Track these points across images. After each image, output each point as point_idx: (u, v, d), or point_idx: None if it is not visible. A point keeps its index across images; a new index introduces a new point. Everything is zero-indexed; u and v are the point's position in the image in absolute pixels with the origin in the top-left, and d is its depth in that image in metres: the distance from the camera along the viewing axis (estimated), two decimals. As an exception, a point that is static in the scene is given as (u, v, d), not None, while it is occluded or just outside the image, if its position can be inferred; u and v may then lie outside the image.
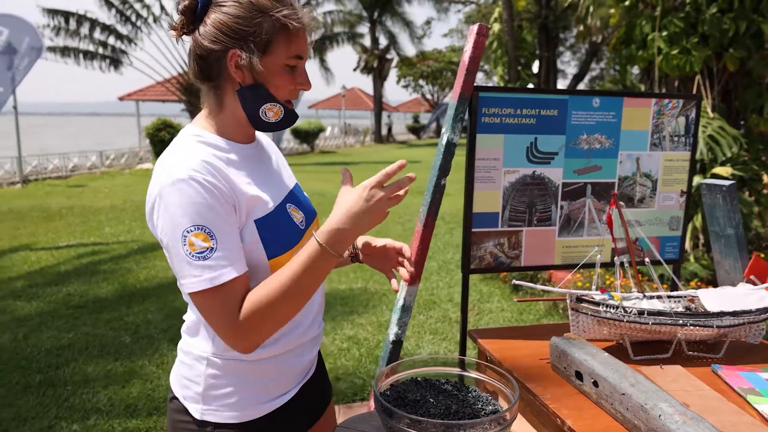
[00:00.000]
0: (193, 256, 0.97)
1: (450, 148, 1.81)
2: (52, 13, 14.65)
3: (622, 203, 1.77)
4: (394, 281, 1.25)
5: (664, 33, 4.71)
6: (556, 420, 1.36)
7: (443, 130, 1.83)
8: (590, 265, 1.91)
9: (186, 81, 16.07)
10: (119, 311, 4.38)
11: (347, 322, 4.13)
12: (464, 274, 1.91)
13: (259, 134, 1.25)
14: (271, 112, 1.10)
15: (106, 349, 3.65)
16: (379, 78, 30.45)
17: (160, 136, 14.68)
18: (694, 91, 4.66)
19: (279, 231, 1.10)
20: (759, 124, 4.52)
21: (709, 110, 4.50)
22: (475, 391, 1.24)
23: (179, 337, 1.23)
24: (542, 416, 1.48)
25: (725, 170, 4.09)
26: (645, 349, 1.73)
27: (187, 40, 1.10)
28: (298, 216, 1.16)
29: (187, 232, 0.97)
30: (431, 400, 1.17)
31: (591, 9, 5.61)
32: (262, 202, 1.08)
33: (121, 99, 21.40)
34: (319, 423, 1.35)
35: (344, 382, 3.21)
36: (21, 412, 2.85)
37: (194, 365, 1.14)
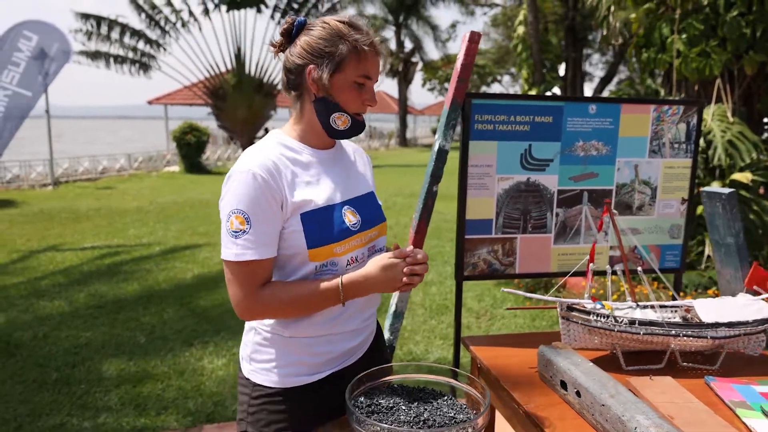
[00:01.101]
0: (230, 232, 1.19)
1: (442, 154, 1.81)
2: (85, 17, 15.07)
3: (615, 211, 1.75)
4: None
5: (683, 36, 4.62)
6: (537, 429, 1.35)
7: (436, 136, 1.84)
8: (601, 273, 1.89)
9: (212, 85, 16.35)
10: (136, 312, 4.48)
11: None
12: (457, 281, 1.91)
13: (348, 145, 1.46)
14: (339, 120, 1.28)
15: (121, 348, 3.74)
16: (404, 81, 30.50)
17: (186, 139, 14.96)
18: (714, 95, 4.56)
19: (323, 226, 1.25)
20: (782, 129, 4.40)
21: (729, 114, 4.39)
22: (451, 399, 1.24)
23: (193, 338, 1.37)
24: (527, 425, 1.47)
25: (745, 176, 3.99)
26: (638, 359, 1.71)
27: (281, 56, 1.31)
28: (352, 218, 1.31)
29: (232, 212, 1.19)
30: (403, 408, 1.17)
31: (612, 10, 5.53)
32: (311, 199, 1.25)
33: (150, 103, 21.88)
34: None
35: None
36: (36, 409, 2.95)
37: (248, 332, 1.36)
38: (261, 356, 1.33)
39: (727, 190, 1.80)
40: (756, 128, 4.59)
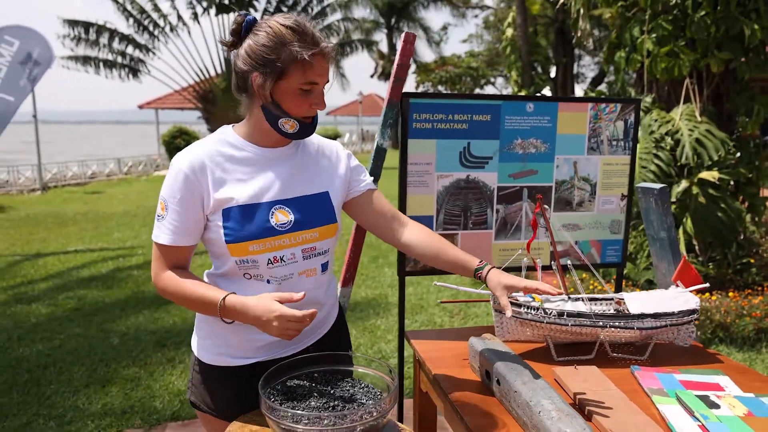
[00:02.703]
0: (157, 215, 1.31)
1: (380, 153, 1.86)
2: (73, 23, 15.08)
3: (547, 207, 1.80)
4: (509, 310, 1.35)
5: (653, 36, 4.68)
6: (459, 416, 1.40)
7: (376, 136, 1.88)
8: (546, 267, 1.92)
9: (202, 89, 16.37)
10: (113, 314, 4.50)
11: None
12: (400, 276, 1.96)
13: (317, 142, 1.45)
14: (287, 125, 1.29)
15: (94, 351, 3.77)
16: (396, 84, 30.55)
17: (176, 143, 14.99)
18: (683, 95, 4.62)
19: (242, 223, 1.27)
20: (748, 127, 4.46)
21: (697, 114, 4.45)
22: (366, 386, 1.29)
23: (166, 339, 1.42)
24: (451, 414, 1.51)
25: (712, 174, 4.05)
26: (571, 350, 1.75)
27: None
28: (282, 218, 1.30)
29: (160, 198, 1.30)
30: (316, 394, 1.22)
31: (582, 12, 5.60)
32: (233, 197, 1.28)
33: (140, 107, 21.89)
34: None
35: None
36: (3, 409, 2.97)
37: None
38: (200, 332, 1.43)
39: (658, 186, 1.85)
40: (725, 127, 4.65)
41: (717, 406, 1.37)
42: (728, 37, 4.44)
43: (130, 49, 15.96)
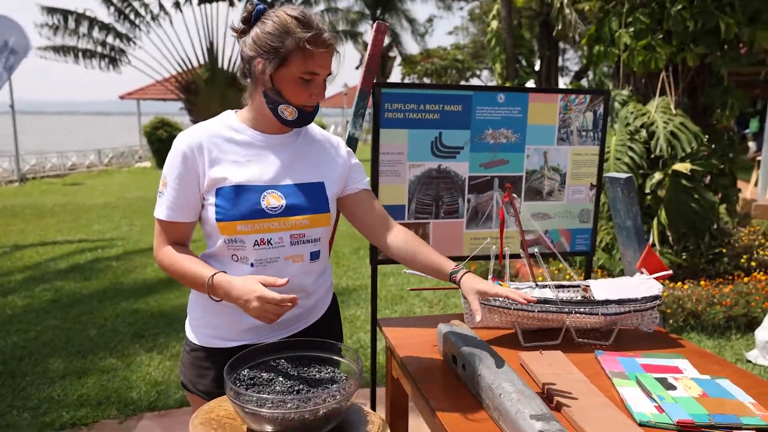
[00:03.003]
0: (158, 192, 1.37)
1: (352, 142, 1.87)
2: (51, 11, 14.80)
3: (516, 195, 1.82)
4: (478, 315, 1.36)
5: (631, 29, 4.74)
6: (425, 400, 1.43)
7: (348, 125, 1.90)
8: (515, 256, 1.94)
9: (184, 80, 16.18)
10: (91, 306, 4.47)
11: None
12: (372, 265, 1.98)
13: (320, 135, 1.50)
14: (286, 112, 1.34)
15: (71, 342, 3.75)
16: (382, 76, 30.47)
17: (158, 135, 14.82)
18: (659, 88, 4.69)
19: (233, 203, 1.32)
20: (722, 120, 4.54)
21: (672, 106, 4.52)
22: (333, 371, 1.31)
23: (144, 330, 1.46)
24: (418, 398, 1.54)
25: (684, 166, 4.12)
26: (539, 336, 1.79)
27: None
28: (273, 202, 1.35)
29: (162, 175, 1.36)
30: (281, 379, 1.23)
31: (566, 2, 5.64)
32: (227, 177, 1.33)
33: (122, 98, 21.59)
34: None
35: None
36: (-23, 401, 2.95)
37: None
38: (192, 313, 1.49)
39: (624, 175, 1.89)
40: (699, 120, 4.73)
41: (674, 388, 1.42)
42: (704, 31, 4.51)
43: (110, 39, 15.71)
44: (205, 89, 15.96)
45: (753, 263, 4.50)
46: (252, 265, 1.36)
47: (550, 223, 2.09)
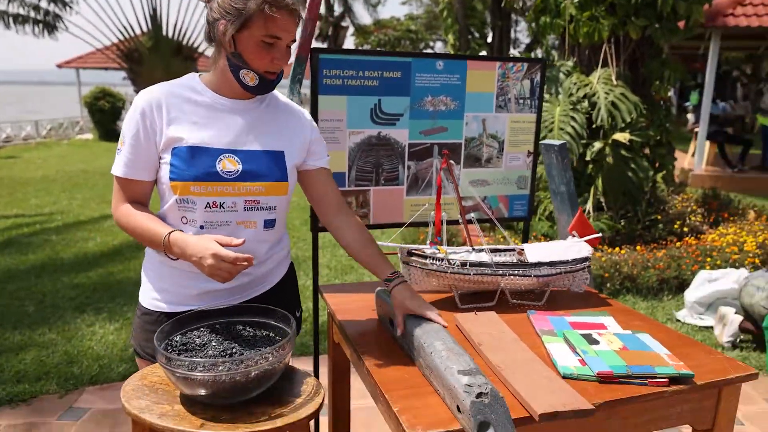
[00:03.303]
0: (117, 149, 1.37)
1: (289, 108, 1.85)
2: (-23, -27, 13.79)
3: (453, 162, 1.85)
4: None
5: (576, 0, 4.81)
6: (361, 360, 1.46)
7: (285, 92, 1.87)
8: (454, 222, 1.99)
9: (126, 48, 15.46)
10: (28, 281, 4.31)
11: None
12: (313, 232, 1.98)
13: (287, 105, 1.50)
14: (247, 77, 1.34)
15: (6, 318, 3.61)
16: (335, 46, 29.99)
17: (99, 105, 14.19)
18: (601, 59, 4.80)
19: (188, 164, 1.32)
20: (660, 91, 4.71)
21: (613, 77, 4.65)
22: (268, 335, 1.32)
23: (86, 305, 1.47)
24: (356, 361, 1.57)
25: (623, 136, 4.27)
26: (475, 299, 1.84)
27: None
28: (229, 166, 1.35)
29: (122, 133, 1.36)
30: (214, 344, 1.24)
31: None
32: (183, 137, 1.33)
33: (59, 66, 20.46)
34: None
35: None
36: None
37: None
38: (144, 277, 1.49)
39: (558, 142, 1.94)
40: (639, 91, 4.89)
41: (597, 342, 1.49)
42: (645, 4, 4.63)
43: (44, 2, 14.80)
44: (149, 58, 15.30)
45: (685, 228, 4.75)
46: (201, 227, 1.36)
47: (488, 189, 2.14)
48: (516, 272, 1.75)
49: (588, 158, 4.43)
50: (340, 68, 1.86)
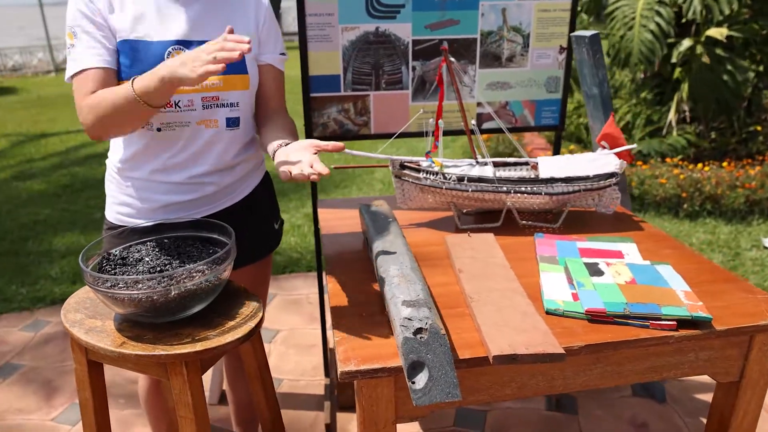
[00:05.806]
0: (67, 49, 1.24)
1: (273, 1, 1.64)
2: None
3: (453, 59, 1.59)
4: None
5: None
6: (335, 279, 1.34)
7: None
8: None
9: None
10: (100, 190, 4.57)
11: (310, 201, 4.16)
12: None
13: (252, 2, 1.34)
14: None
15: (77, 224, 3.87)
16: None
17: None
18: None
19: (133, 59, 1.22)
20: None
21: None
22: (211, 249, 1.22)
23: None
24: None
25: (720, 31, 3.62)
26: (480, 219, 1.64)
27: None
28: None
29: (67, 29, 1.24)
30: (147, 260, 1.16)
31: None
32: (126, 28, 1.22)
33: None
34: None
35: (282, 256, 3.30)
36: (-19, 276, 3.13)
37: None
38: (108, 191, 1.43)
39: (590, 33, 1.61)
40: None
41: (601, 273, 1.27)
42: None
43: None
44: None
45: (792, 142, 4.08)
46: (159, 129, 1.27)
47: (510, 93, 1.85)
48: (523, 189, 1.52)
49: (674, 60, 3.83)
50: (328, -49, 1.62)
